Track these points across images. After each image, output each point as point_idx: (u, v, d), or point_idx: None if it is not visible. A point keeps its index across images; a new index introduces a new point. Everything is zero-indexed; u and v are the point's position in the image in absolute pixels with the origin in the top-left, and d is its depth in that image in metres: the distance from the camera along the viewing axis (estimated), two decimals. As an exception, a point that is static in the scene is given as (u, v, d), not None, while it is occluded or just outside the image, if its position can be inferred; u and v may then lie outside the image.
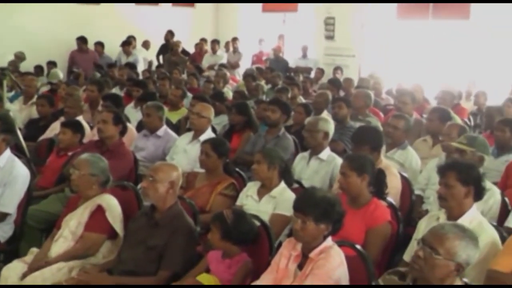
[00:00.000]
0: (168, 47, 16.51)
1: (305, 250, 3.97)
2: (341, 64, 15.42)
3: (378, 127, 7.12)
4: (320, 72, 15.14)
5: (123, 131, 6.73)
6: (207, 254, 4.57)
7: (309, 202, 3.92)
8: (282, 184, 5.43)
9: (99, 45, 16.03)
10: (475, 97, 11.25)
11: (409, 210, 5.82)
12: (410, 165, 6.62)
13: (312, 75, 15.32)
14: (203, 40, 17.34)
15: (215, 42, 16.81)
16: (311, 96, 11.40)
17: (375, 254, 4.63)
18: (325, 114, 8.38)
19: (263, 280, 4.09)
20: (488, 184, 5.35)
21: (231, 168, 6.07)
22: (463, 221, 4.16)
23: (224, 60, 16.32)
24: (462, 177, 4.29)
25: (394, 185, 5.56)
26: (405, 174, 6.06)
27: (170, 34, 17.00)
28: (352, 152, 6.06)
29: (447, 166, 4.40)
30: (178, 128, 8.59)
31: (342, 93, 11.35)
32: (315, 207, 3.88)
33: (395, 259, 4.78)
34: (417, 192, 6.14)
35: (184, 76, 13.30)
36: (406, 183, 5.89)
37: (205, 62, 16.27)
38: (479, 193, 4.36)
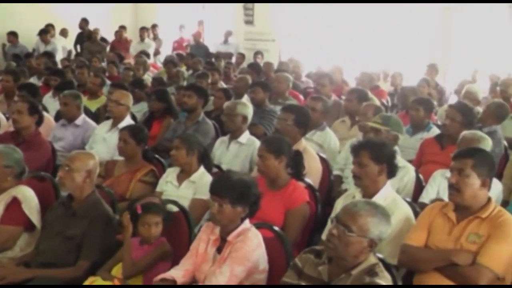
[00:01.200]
0: (84, 35, 16.25)
1: (223, 234, 3.99)
2: (262, 49, 15.47)
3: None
4: (241, 57, 15.16)
5: (39, 121, 6.60)
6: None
7: (225, 185, 3.93)
8: (202, 169, 5.44)
9: (12, 34, 15.63)
10: (392, 78, 11.49)
11: (328, 190, 5.90)
12: (329, 146, 6.72)
13: (234, 60, 15.33)
14: (122, 28, 17.12)
15: (143, 29, 16.64)
16: (233, 81, 11.41)
17: (294, 234, 4.69)
18: (246, 99, 8.41)
19: (183, 265, 4.09)
20: (402, 161, 5.50)
21: (150, 154, 6.05)
22: (378, 198, 4.26)
23: (152, 48, 16.17)
24: (374, 155, 4.38)
25: (313, 166, 5.64)
26: (323, 155, 6.15)
27: (84, 22, 16.73)
28: None
29: (360, 145, 4.48)
30: (97, 116, 8.48)
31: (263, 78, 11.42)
32: (231, 190, 3.90)
33: (315, 239, 4.85)
34: (336, 172, 6.22)
35: (104, 64, 13.13)
36: (325, 164, 5.97)
37: (133, 50, 16.09)
38: (392, 171, 4.45)
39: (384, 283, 3.27)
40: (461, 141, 5.28)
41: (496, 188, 5.19)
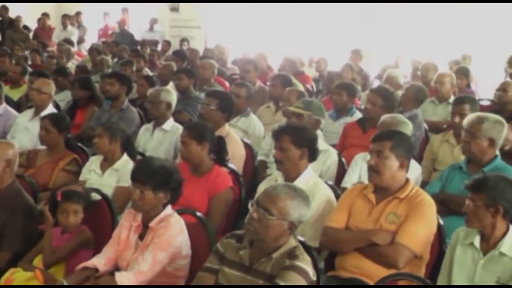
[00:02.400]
0: (5, 23, 15.87)
1: (145, 220, 3.98)
2: (187, 36, 15.41)
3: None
4: (167, 44, 15.06)
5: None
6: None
7: (146, 172, 3.92)
8: (125, 157, 5.39)
9: None
10: (316, 63, 11.60)
11: (253, 175, 5.94)
12: (254, 132, 6.76)
13: (159, 47, 15.23)
14: (45, 15, 16.79)
15: (65, 17, 16.33)
16: (158, 68, 11.34)
17: (218, 220, 4.71)
18: (171, 86, 8.38)
19: (105, 253, 4.06)
20: (324, 145, 5.59)
21: (73, 143, 5.97)
22: (299, 182, 4.31)
23: (75, 36, 15.90)
24: (295, 139, 4.41)
25: (236, 152, 5.66)
26: (247, 141, 6.18)
27: (4, 9, 16.34)
28: None
29: (281, 130, 4.51)
30: (20, 105, 8.31)
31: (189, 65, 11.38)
32: (152, 176, 3.88)
33: (239, 224, 4.87)
34: (260, 157, 6.25)
35: (27, 52, 12.86)
36: (249, 149, 6.01)
37: (55, 37, 15.78)
38: (313, 155, 4.50)
39: (304, 265, 3.32)
40: (380, 124, 5.37)
41: (416, 170, 5.31)
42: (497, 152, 5.12)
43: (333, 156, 5.56)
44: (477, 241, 3.72)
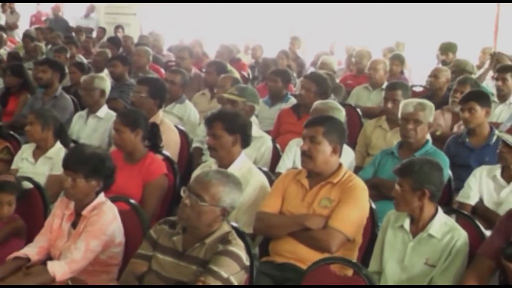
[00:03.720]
0: None
1: (78, 208, 3.94)
2: (123, 23, 15.22)
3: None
4: (102, 31, 14.86)
5: None
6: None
7: (78, 159, 3.87)
8: (58, 145, 5.32)
9: None
10: (252, 50, 11.62)
11: (188, 162, 5.93)
12: (189, 119, 6.75)
13: (95, 35, 15.02)
14: (-24, 1, 16.39)
15: (-4, 2, 15.98)
16: (93, 55, 11.20)
17: (152, 207, 4.69)
18: (106, 73, 8.28)
19: (37, 242, 4.01)
20: (259, 132, 5.63)
21: (4, 131, 5.87)
22: (233, 168, 4.31)
23: (2, 22, 15.53)
24: (228, 126, 4.41)
25: (171, 139, 5.64)
26: (182, 128, 6.16)
27: None
28: None
29: (213, 117, 4.51)
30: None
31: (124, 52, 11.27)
32: (84, 164, 3.84)
33: (174, 211, 4.86)
34: (196, 144, 6.24)
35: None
36: (183, 136, 5.99)
37: (-14, 24, 15.42)
38: (246, 141, 4.50)
39: (237, 250, 3.33)
40: (313, 110, 5.42)
41: (349, 155, 5.39)
42: (428, 137, 5.25)
43: (267, 143, 5.60)
44: (406, 224, 3.80)
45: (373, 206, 4.31)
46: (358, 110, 7.21)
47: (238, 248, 3.36)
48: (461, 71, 7.89)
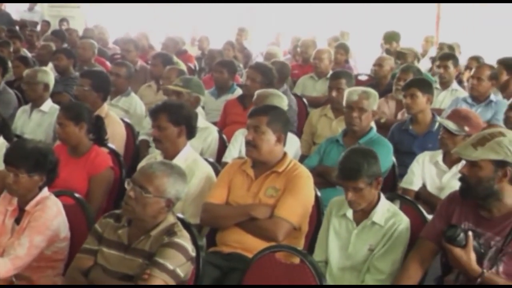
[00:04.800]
0: None
1: (21, 204, 3.87)
2: (67, 16, 15.04)
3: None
4: (46, 24, 14.62)
5: None
6: None
7: (20, 154, 3.81)
8: (1, 140, 5.22)
9: None
10: (199, 42, 11.60)
11: (135, 155, 5.90)
12: (135, 111, 6.73)
13: (39, 28, 14.78)
14: None
15: None
16: (37, 49, 11.03)
17: (98, 200, 4.67)
18: (50, 67, 8.19)
19: (-20, 240, 3.95)
20: (205, 123, 5.64)
21: None
22: (179, 159, 4.32)
23: None
24: (173, 118, 4.41)
25: (117, 132, 5.61)
26: (128, 121, 6.13)
27: None
28: None
29: (158, 108, 4.50)
30: None
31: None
32: (27, 159, 3.79)
33: (120, 204, 4.82)
34: (142, 137, 6.21)
35: None
36: (130, 129, 5.96)
37: None
38: (191, 132, 4.51)
39: (182, 242, 3.33)
40: (256, 99, 5.46)
41: (294, 143, 5.43)
42: (372, 124, 5.33)
43: (213, 133, 5.60)
44: (349, 212, 3.84)
45: (319, 194, 4.34)
46: (304, 99, 7.25)
47: (184, 239, 3.36)
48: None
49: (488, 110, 6.47)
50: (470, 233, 3.28)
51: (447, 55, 7.70)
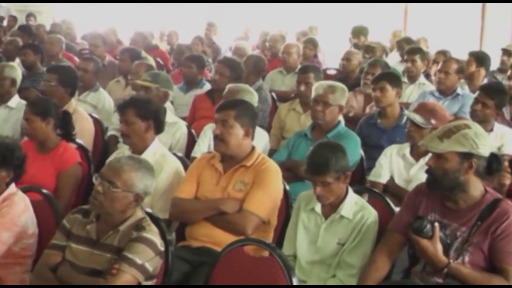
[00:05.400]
0: None
1: (-12, 200, 3.86)
2: (34, 11, 14.90)
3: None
4: (13, 19, 14.49)
5: None
6: None
7: (-15, 151, 3.79)
8: (-32, 136, 5.19)
9: None
10: (168, 37, 11.57)
11: (104, 150, 5.87)
12: (103, 107, 6.69)
13: (5, 23, 14.63)
14: None
15: None
16: (4, 44, 10.92)
17: (67, 196, 4.64)
18: (17, 62, 8.11)
19: None
20: (174, 118, 5.64)
21: None
22: (147, 154, 4.30)
23: None
24: (140, 112, 4.39)
25: (85, 127, 5.58)
26: (96, 116, 6.10)
27: None
28: None
29: (125, 103, 4.48)
30: None
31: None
32: (-8, 155, 3.77)
33: (89, 200, 4.81)
34: (111, 132, 6.18)
35: None
36: (98, 125, 5.94)
37: None
38: (159, 127, 4.49)
39: (151, 236, 3.33)
40: (226, 94, 5.46)
41: (263, 138, 5.45)
42: (340, 118, 5.35)
43: (182, 128, 5.60)
44: (318, 207, 3.86)
45: (287, 188, 4.36)
46: (273, 94, 7.27)
47: (152, 234, 3.36)
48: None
49: (455, 103, 6.55)
50: (436, 224, 3.32)
51: (414, 50, 7.76)
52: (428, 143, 3.44)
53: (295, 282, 3.28)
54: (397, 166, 4.82)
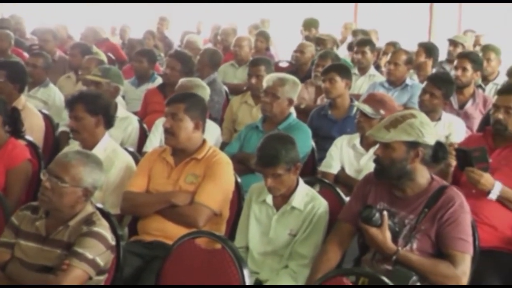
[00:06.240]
0: None
1: None
2: (-19, 7, 14.66)
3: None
4: (-40, 16, 14.27)
5: None
6: None
7: None
8: None
9: None
10: (120, 31, 11.49)
11: (55, 146, 5.82)
12: (54, 103, 6.63)
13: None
14: None
15: None
16: None
17: (17, 193, 4.57)
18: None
19: None
20: (125, 112, 5.63)
21: None
22: (98, 150, 4.28)
23: None
24: (89, 108, 4.37)
25: (35, 124, 5.52)
26: (47, 112, 6.04)
27: None
28: None
29: (74, 99, 4.45)
30: None
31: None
32: None
33: (39, 197, 4.77)
34: (62, 128, 6.12)
35: None
36: (49, 121, 5.88)
37: None
38: (109, 121, 4.47)
39: (101, 231, 3.32)
40: (178, 88, 5.45)
41: (215, 131, 5.46)
42: (291, 110, 5.39)
43: (133, 123, 5.58)
44: (269, 198, 3.89)
45: (239, 180, 4.38)
46: (225, 87, 7.28)
47: (103, 228, 3.35)
48: None
49: (404, 93, 6.64)
50: (385, 212, 3.37)
51: (364, 41, 7.84)
52: (375, 133, 3.49)
53: (246, 273, 3.29)
54: (348, 156, 4.87)
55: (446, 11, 13.35)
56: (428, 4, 13.53)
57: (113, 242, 3.39)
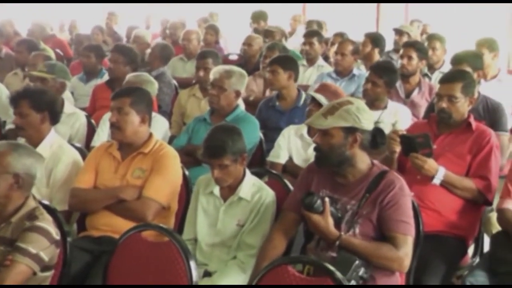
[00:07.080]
0: None
1: None
2: None
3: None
4: None
5: None
6: None
7: None
8: None
9: None
10: (70, 27, 11.42)
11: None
12: (0, 100, 6.53)
13: None
14: None
15: None
16: None
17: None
18: None
19: None
20: (72, 108, 5.60)
21: None
22: (44, 146, 4.27)
23: None
24: (35, 104, 4.35)
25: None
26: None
27: None
28: None
29: (18, 95, 4.42)
30: None
31: None
32: None
33: None
34: (9, 126, 6.05)
35: None
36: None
37: None
38: (55, 117, 4.45)
39: (44, 225, 3.29)
40: (126, 83, 5.44)
41: (163, 124, 5.47)
42: (239, 102, 5.42)
43: (81, 119, 5.56)
44: (216, 190, 3.91)
45: (187, 173, 4.40)
46: (174, 81, 7.29)
47: (46, 222, 3.31)
48: None
49: (352, 83, 6.73)
50: (326, 199, 3.41)
51: (312, 33, 7.91)
52: (313, 120, 3.54)
53: (192, 265, 3.30)
54: (295, 146, 4.92)
55: (393, 2, 13.52)
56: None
57: (57, 237, 3.35)
